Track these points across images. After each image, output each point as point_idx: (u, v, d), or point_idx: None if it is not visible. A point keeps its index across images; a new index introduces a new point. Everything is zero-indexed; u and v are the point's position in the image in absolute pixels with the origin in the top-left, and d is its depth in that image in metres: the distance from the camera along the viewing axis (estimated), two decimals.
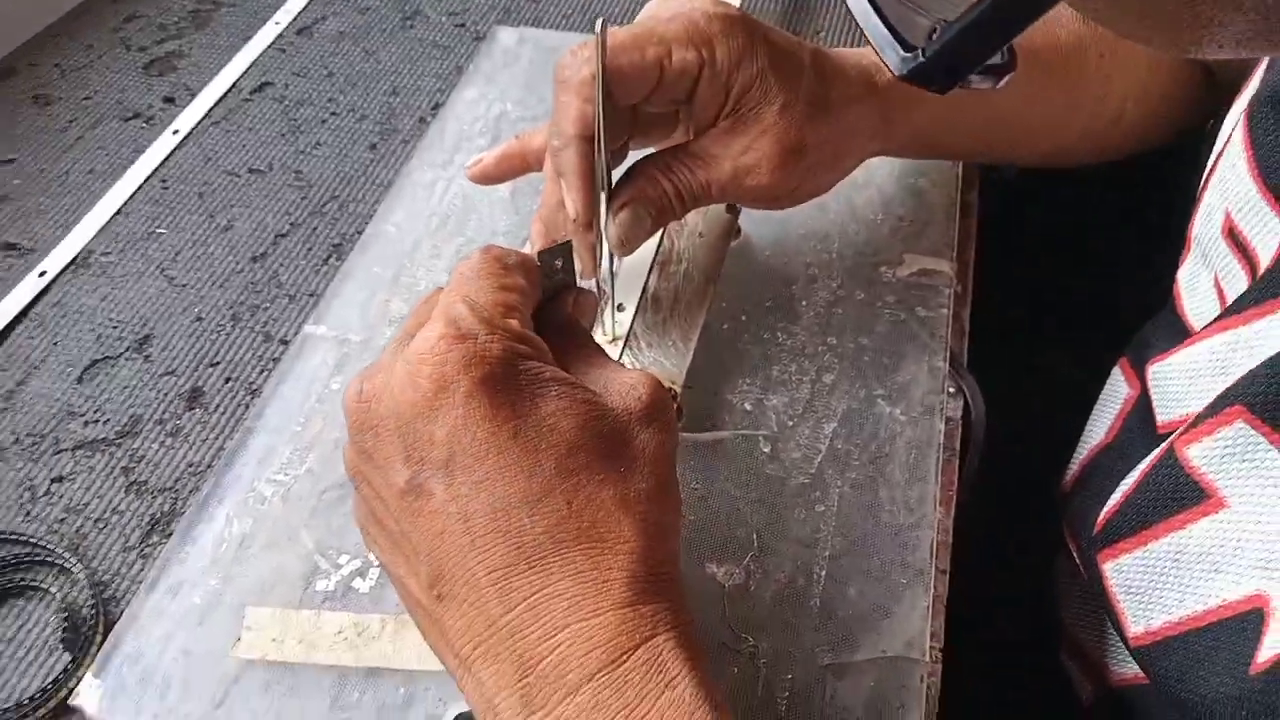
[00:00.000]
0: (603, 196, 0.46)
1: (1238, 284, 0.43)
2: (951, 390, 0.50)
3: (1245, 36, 0.22)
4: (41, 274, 0.60)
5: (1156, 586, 0.42)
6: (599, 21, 0.41)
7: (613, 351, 0.49)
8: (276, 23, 0.79)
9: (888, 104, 0.48)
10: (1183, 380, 0.45)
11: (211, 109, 0.71)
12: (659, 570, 0.33)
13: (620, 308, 0.51)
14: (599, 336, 0.50)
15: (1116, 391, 0.53)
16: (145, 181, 0.66)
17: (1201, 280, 0.48)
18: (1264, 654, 0.35)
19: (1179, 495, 0.41)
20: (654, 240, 0.53)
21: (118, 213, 0.64)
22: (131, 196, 0.65)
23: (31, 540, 0.48)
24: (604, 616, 0.32)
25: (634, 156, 0.49)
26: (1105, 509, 0.45)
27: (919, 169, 0.60)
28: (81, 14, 0.80)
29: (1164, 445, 0.42)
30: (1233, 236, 0.43)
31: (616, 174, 0.48)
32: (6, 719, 0.42)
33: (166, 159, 0.68)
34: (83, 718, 0.42)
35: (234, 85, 0.73)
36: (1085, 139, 0.57)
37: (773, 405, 0.50)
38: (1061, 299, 0.67)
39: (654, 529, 0.34)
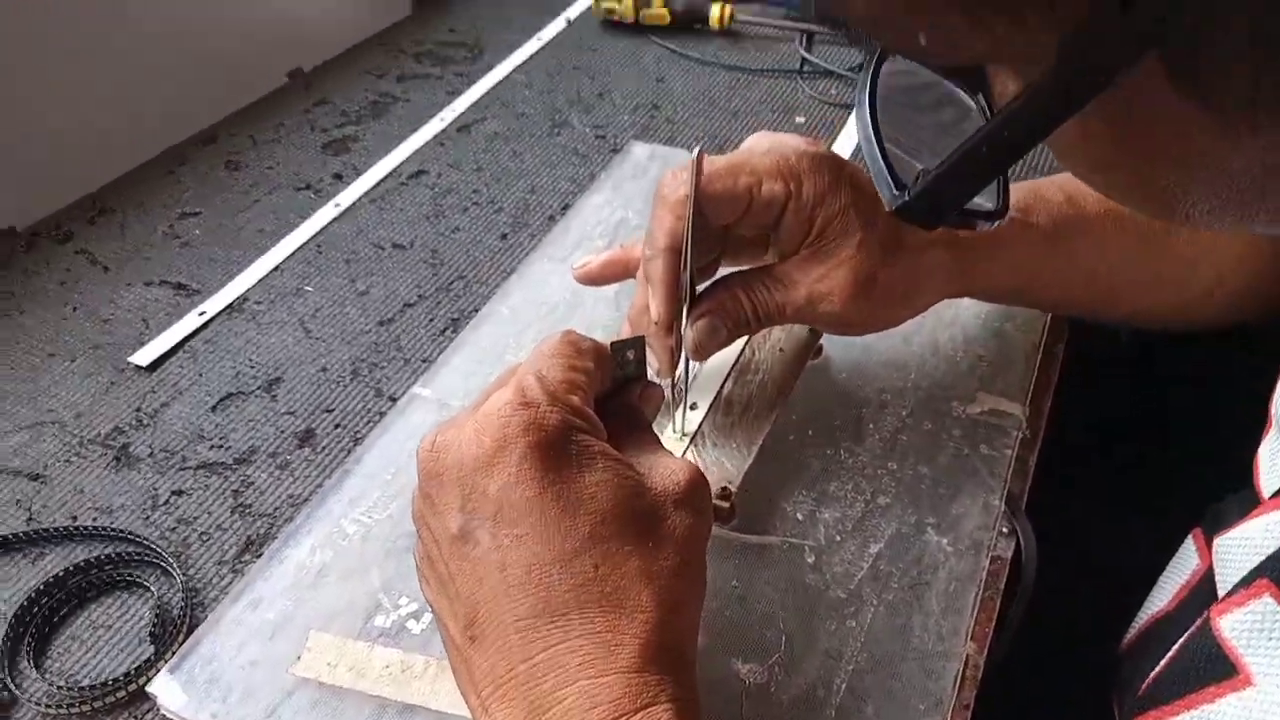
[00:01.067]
0: (685, 305, 0.50)
1: None
2: (1004, 530, 0.51)
3: (1212, 208, 0.25)
4: (201, 313, 0.69)
5: None
6: (695, 148, 0.46)
7: (679, 447, 0.52)
8: (442, 119, 0.88)
9: (963, 253, 0.50)
10: (1240, 554, 0.45)
11: (372, 188, 0.80)
12: (671, 644, 0.36)
13: (693, 406, 0.54)
14: (669, 432, 0.53)
15: (1186, 563, 0.52)
16: (303, 245, 0.74)
17: None
18: None
19: (1211, 668, 0.40)
20: (736, 347, 0.57)
21: (275, 269, 0.72)
22: (289, 256, 0.73)
23: (145, 542, 0.54)
24: (610, 678, 0.34)
25: (723, 273, 0.53)
26: (1149, 677, 0.45)
27: (1007, 314, 0.62)
28: (280, 96, 0.91)
29: (1204, 615, 0.42)
30: None
31: (703, 286, 0.52)
32: (91, 694, 0.47)
33: (325, 227, 0.76)
34: (154, 705, 0.47)
35: (395, 170, 0.82)
36: (1173, 308, 0.57)
37: (824, 519, 0.52)
38: (1141, 461, 0.66)
39: (671, 604, 0.36)
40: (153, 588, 0.52)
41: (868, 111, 0.31)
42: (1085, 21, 0.21)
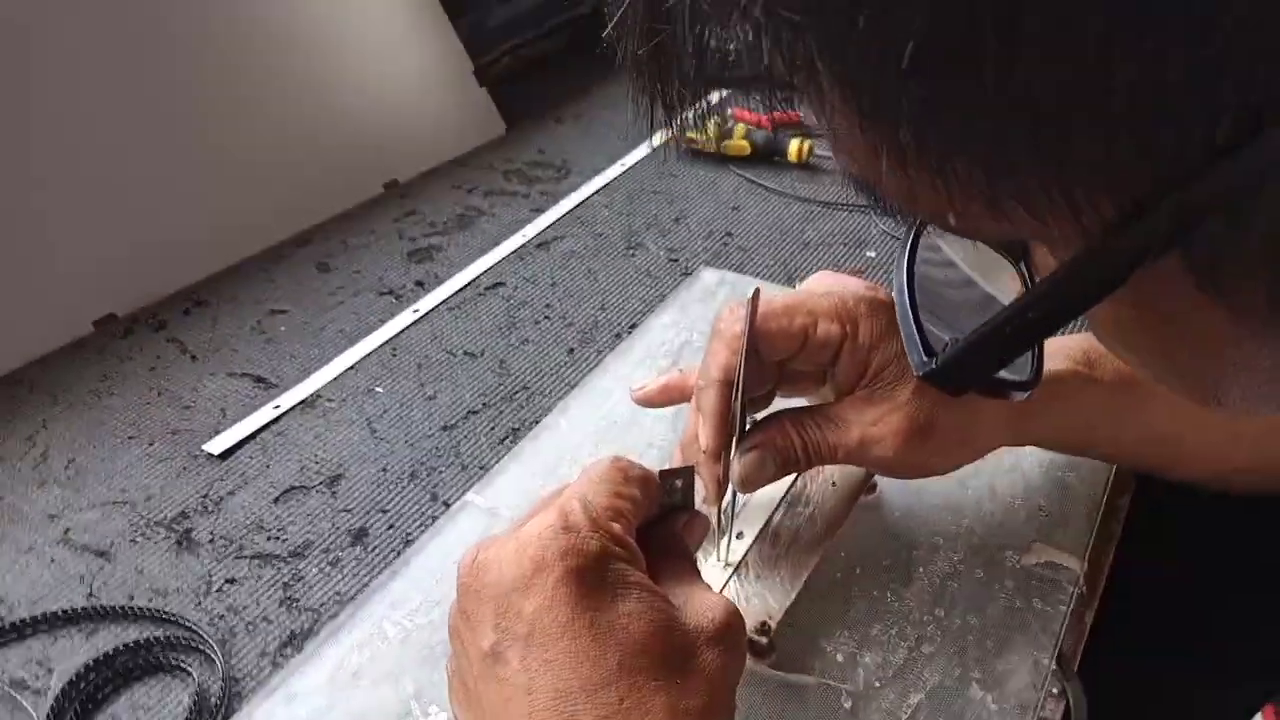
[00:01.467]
0: (734, 437, 0.50)
1: None
2: (1054, 691, 0.49)
3: (1245, 397, 0.24)
4: (276, 406, 0.71)
5: None
6: (754, 288, 0.47)
7: (722, 576, 0.52)
8: (523, 234, 0.91)
9: (1020, 404, 0.50)
10: None
11: (450, 297, 0.83)
12: None
13: (740, 535, 0.54)
14: (712, 561, 0.53)
15: None
16: (379, 347, 0.77)
17: None
18: None
19: None
20: (787, 479, 0.56)
21: (350, 369, 0.75)
22: (365, 357, 0.76)
23: (193, 627, 0.55)
24: None
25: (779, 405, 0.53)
26: None
27: (1070, 463, 0.60)
28: (374, 204, 0.96)
29: None
30: None
31: (758, 417, 0.52)
32: None
33: (402, 332, 0.79)
34: None
35: (474, 280, 0.85)
36: (1250, 473, 0.55)
37: (865, 662, 0.50)
38: (1213, 626, 0.63)
39: None
40: (194, 673, 0.53)
41: (905, 277, 0.31)
42: (1104, 221, 0.21)
